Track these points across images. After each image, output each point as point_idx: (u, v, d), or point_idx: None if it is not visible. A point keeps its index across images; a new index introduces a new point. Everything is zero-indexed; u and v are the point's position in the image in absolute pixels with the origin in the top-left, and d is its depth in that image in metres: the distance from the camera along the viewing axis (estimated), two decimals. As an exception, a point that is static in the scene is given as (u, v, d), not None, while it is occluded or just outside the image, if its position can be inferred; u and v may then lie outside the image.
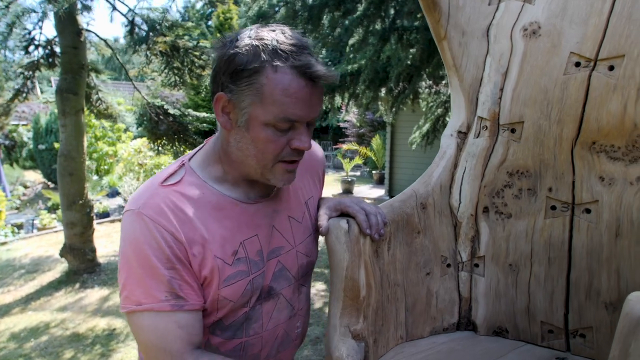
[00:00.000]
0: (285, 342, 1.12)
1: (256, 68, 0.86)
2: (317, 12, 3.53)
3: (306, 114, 0.89)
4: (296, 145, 0.91)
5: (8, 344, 3.99)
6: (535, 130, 1.11)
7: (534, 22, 1.10)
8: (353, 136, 14.19)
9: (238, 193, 0.99)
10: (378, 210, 1.10)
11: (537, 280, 1.15)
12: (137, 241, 0.89)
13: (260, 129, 0.89)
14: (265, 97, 0.86)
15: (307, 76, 0.86)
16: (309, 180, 1.16)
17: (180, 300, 0.89)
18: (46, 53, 5.56)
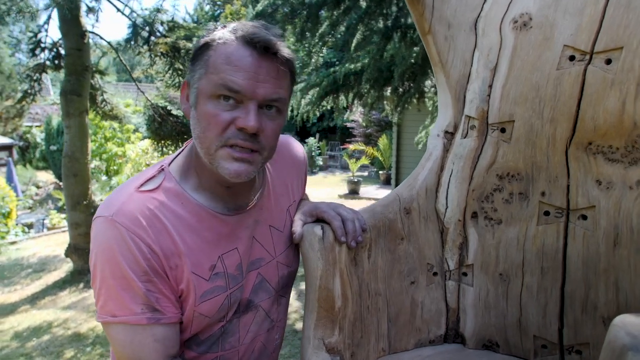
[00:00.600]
0: (262, 354, 1.05)
1: (207, 44, 0.85)
2: (315, 10, 3.46)
3: (250, 87, 0.81)
4: (240, 123, 0.81)
5: (11, 343, 3.99)
6: (526, 130, 1.03)
7: (524, 13, 1.02)
8: (360, 136, 14.10)
9: (217, 204, 0.92)
10: (357, 215, 1.03)
11: (529, 292, 1.07)
12: (110, 251, 0.82)
13: (205, 102, 0.83)
14: (209, 67, 0.83)
15: (252, 45, 0.82)
16: (291, 184, 1.09)
17: (157, 314, 0.83)
18: (52, 55, 5.58)
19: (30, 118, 19.12)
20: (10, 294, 5.28)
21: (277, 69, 0.84)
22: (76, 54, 5.06)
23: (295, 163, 1.12)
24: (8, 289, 5.42)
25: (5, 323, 4.44)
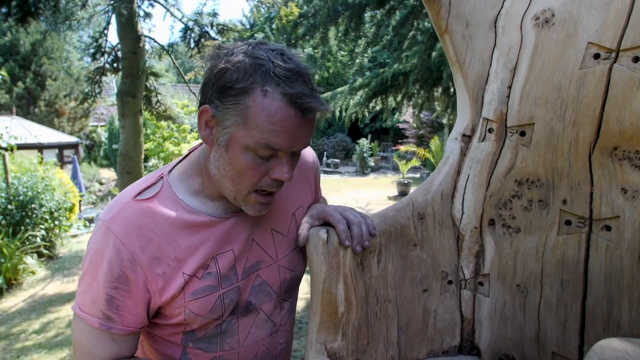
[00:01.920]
0: (265, 358, 1.06)
1: (244, 88, 0.80)
2: (358, 11, 3.43)
3: (289, 145, 0.83)
4: (276, 175, 0.86)
5: (66, 330, 4.26)
6: (547, 133, 0.97)
7: (547, 9, 0.96)
8: (412, 137, 13.89)
9: (215, 207, 0.96)
10: (365, 220, 1.01)
11: (548, 305, 1.01)
12: (95, 252, 0.89)
13: (240, 152, 0.84)
14: (249, 120, 0.81)
15: (297, 106, 0.80)
16: (299, 188, 1.10)
17: (110, 322, 0.89)
18: (111, 59, 5.90)
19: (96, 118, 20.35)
20: (68, 284, 5.63)
21: (311, 124, 0.86)
22: (132, 57, 5.32)
23: (303, 168, 1.12)
24: (67, 279, 5.78)
25: (62, 311, 4.74)
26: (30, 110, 16.97)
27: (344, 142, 18.74)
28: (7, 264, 5.39)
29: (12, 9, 5.12)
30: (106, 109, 19.27)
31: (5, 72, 7.61)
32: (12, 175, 6.31)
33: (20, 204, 6.11)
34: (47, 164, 7.45)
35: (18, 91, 16.78)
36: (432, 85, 5.65)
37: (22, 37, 16.87)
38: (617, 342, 0.52)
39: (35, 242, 6.23)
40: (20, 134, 7.69)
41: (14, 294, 5.35)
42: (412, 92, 5.95)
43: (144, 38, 5.42)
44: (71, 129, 18.14)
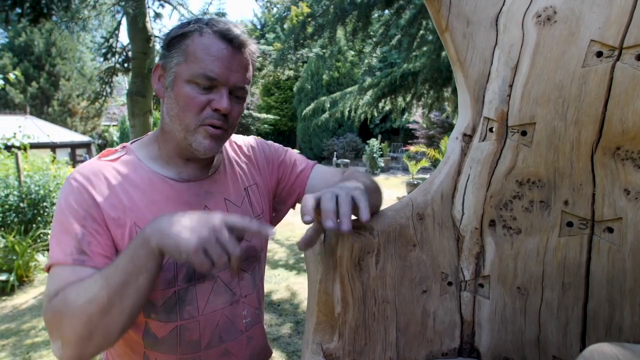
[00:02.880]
0: (229, 330, 1.06)
1: (184, 33, 0.97)
2: (365, 10, 3.42)
3: (225, 75, 0.95)
4: (215, 105, 0.95)
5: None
6: (548, 132, 0.95)
7: (548, 6, 0.94)
8: (423, 138, 13.82)
9: (170, 171, 1.04)
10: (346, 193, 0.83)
11: (549, 308, 0.99)
12: (60, 203, 0.94)
13: (183, 85, 0.95)
14: (188, 56, 0.95)
15: (227, 39, 0.95)
16: (250, 169, 1.17)
17: (83, 256, 0.89)
18: (122, 59, 5.95)
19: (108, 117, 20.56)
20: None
21: (246, 62, 1.00)
22: (142, 57, 5.36)
23: (251, 152, 1.21)
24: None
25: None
26: (44, 109, 17.20)
27: (354, 143, 18.70)
28: (18, 261, 5.46)
29: (25, 10, 5.19)
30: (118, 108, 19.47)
31: (19, 72, 7.72)
32: (24, 173, 6.39)
33: (32, 202, 6.19)
34: (59, 163, 7.53)
35: (32, 91, 17.01)
36: (441, 85, 5.61)
37: (36, 38, 17.11)
38: (608, 346, 0.50)
39: (47, 240, 6.30)
40: (34, 133, 7.77)
41: (25, 290, 5.41)
42: (422, 92, 5.91)
43: (153, 38, 5.45)
44: (84, 128, 18.35)
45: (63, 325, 0.81)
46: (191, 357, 1.01)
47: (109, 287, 0.81)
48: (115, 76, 6.07)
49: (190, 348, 1.01)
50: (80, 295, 0.81)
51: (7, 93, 16.28)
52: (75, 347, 0.81)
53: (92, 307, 0.80)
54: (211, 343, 1.03)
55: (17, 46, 16.91)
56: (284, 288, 5.26)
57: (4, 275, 5.29)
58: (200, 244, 0.76)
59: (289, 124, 21.80)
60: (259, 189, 1.17)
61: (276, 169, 1.21)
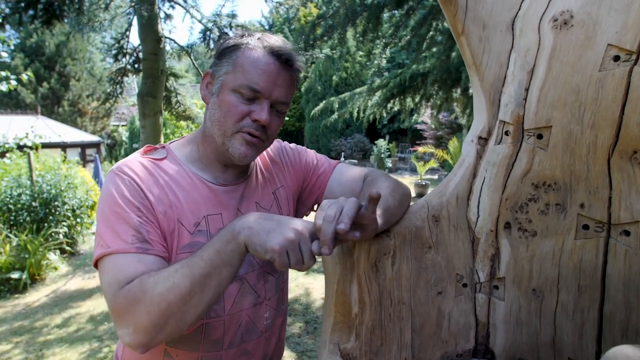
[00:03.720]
0: (251, 331, 1.09)
1: (236, 45, 1.01)
2: (375, 11, 3.43)
3: (269, 89, 0.98)
4: (255, 116, 0.98)
5: (86, 325, 4.34)
6: (565, 136, 0.96)
7: (565, 10, 0.95)
8: (431, 138, 13.78)
9: (208, 174, 1.07)
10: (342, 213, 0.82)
11: (564, 310, 0.99)
12: (110, 193, 0.95)
13: (227, 93, 0.99)
14: (237, 66, 0.99)
15: (275, 55, 0.99)
16: (278, 171, 1.21)
17: (146, 244, 0.92)
18: (132, 60, 6.00)
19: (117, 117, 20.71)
20: (89, 280, 5.74)
21: (291, 78, 1.04)
22: (152, 58, 5.40)
23: (278, 155, 1.25)
24: (87, 276, 5.89)
25: (82, 307, 4.84)
26: (55, 109, 17.36)
27: (362, 143, 18.69)
28: (31, 259, 5.52)
29: (38, 12, 5.25)
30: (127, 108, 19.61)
31: (31, 73, 7.81)
32: (36, 173, 6.46)
33: (44, 202, 6.25)
34: (70, 163, 7.61)
35: (43, 91, 17.18)
36: (450, 86, 5.60)
37: (47, 39, 17.28)
38: (630, 349, 0.51)
39: (58, 239, 6.36)
40: (45, 133, 7.86)
41: (37, 289, 5.47)
42: (431, 93, 5.90)
43: (164, 39, 5.50)
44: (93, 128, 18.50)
45: (138, 311, 0.82)
46: (212, 355, 1.03)
47: (193, 277, 0.83)
48: (125, 77, 6.11)
49: (213, 346, 1.03)
50: (159, 284, 0.83)
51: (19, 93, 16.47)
52: (147, 333, 0.83)
53: (172, 295, 0.82)
54: (233, 342, 1.05)
55: (29, 47, 17.10)
56: (294, 288, 5.28)
57: (16, 274, 5.35)
58: (285, 246, 0.80)
59: (297, 124, 21.84)
60: (285, 190, 1.20)
61: (300, 170, 1.23)
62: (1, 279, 5.30)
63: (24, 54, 17.07)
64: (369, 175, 1.18)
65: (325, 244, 0.79)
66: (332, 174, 1.22)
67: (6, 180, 6.32)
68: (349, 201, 0.82)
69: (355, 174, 1.21)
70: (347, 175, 1.21)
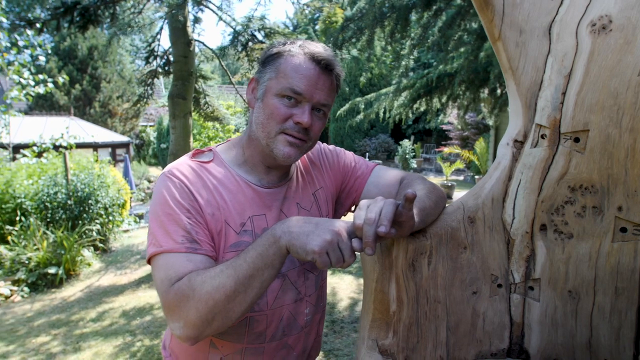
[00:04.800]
0: (291, 325, 1.14)
1: (279, 52, 1.07)
2: (404, 13, 3.44)
3: (310, 92, 1.03)
4: (297, 119, 1.03)
5: (119, 320, 4.48)
6: (602, 140, 0.97)
7: (604, 15, 0.96)
8: (457, 139, 13.63)
9: (254, 177, 1.13)
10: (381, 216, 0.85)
11: (601, 312, 1.00)
12: (162, 195, 1.01)
13: (271, 97, 1.05)
14: (279, 72, 1.05)
15: (315, 60, 1.05)
16: (317, 173, 1.26)
17: (195, 244, 0.98)
18: (163, 62, 6.14)
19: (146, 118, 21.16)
20: (121, 276, 5.91)
21: (331, 82, 1.08)
22: (183, 61, 5.52)
23: (317, 158, 1.29)
24: (120, 272, 6.07)
25: (115, 302, 4.99)
26: (86, 111, 17.86)
27: (386, 144, 18.62)
28: (66, 255, 5.73)
29: (74, 17, 5.43)
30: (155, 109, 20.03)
31: (66, 76, 8.08)
32: (71, 172, 6.68)
33: (79, 200, 6.47)
34: (102, 162, 7.84)
35: (75, 93, 17.70)
36: (478, 86, 5.55)
37: (80, 42, 17.79)
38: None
39: (92, 236, 6.57)
40: (78, 134, 8.12)
41: (72, 284, 5.67)
42: (458, 93, 5.86)
43: (194, 42, 5.62)
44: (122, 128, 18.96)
45: (188, 307, 0.89)
46: (256, 347, 1.08)
47: (237, 278, 0.89)
48: (156, 79, 6.27)
49: (256, 339, 1.08)
50: (207, 283, 0.89)
51: (53, 95, 17.01)
52: (196, 328, 0.90)
53: (218, 293, 0.88)
54: (275, 336, 1.10)
55: (62, 50, 17.65)
56: (318, 287, 5.33)
57: (53, 269, 5.55)
58: (324, 247, 0.85)
59: (321, 125, 21.88)
60: (324, 192, 1.24)
61: (339, 172, 1.27)
62: (39, 274, 5.51)
63: (58, 57, 17.61)
64: (405, 178, 1.21)
65: (369, 245, 0.83)
66: (370, 177, 1.25)
67: (43, 179, 6.56)
68: (387, 203, 0.86)
69: (392, 176, 1.24)
70: (384, 178, 1.24)
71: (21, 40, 6.80)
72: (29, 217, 6.13)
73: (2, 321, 4.53)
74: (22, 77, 6.88)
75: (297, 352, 1.16)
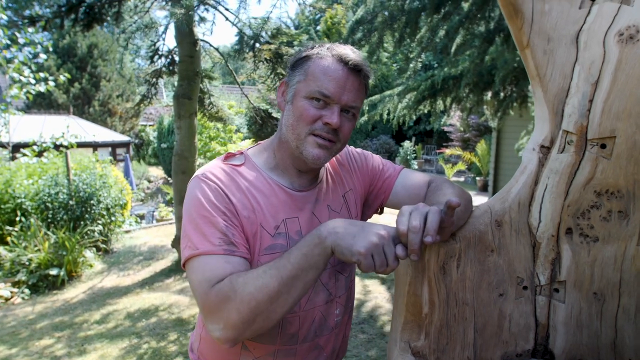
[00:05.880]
0: (323, 326, 1.16)
1: (307, 56, 1.09)
2: (414, 17, 3.47)
3: (339, 93, 1.05)
4: (327, 119, 1.05)
5: (124, 322, 4.48)
6: (629, 146, 1.00)
7: (631, 25, 0.99)
8: (458, 140, 13.68)
9: (286, 180, 1.15)
10: (427, 225, 0.88)
11: (626, 314, 1.03)
12: (197, 198, 1.02)
13: (300, 100, 1.07)
14: (308, 75, 1.07)
15: (343, 62, 1.06)
16: (346, 175, 1.28)
17: (232, 247, 0.99)
18: (167, 62, 6.15)
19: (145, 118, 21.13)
20: (124, 277, 5.91)
21: (360, 83, 1.10)
22: (188, 61, 5.54)
23: (346, 160, 1.31)
24: (123, 273, 6.07)
25: (119, 304, 4.99)
26: (85, 109, 17.83)
27: (388, 145, 18.66)
28: (68, 256, 5.72)
29: (79, 16, 5.44)
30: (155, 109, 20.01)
31: (67, 74, 8.08)
32: (72, 172, 6.68)
33: (80, 200, 6.46)
34: (104, 162, 7.84)
35: (74, 91, 17.66)
36: (482, 89, 5.59)
37: (79, 40, 17.75)
38: None
39: (94, 237, 6.57)
40: (78, 133, 8.11)
41: (74, 285, 5.67)
42: (462, 95, 5.89)
43: (200, 42, 5.63)
44: (122, 128, 18.93)
45: (229, 309, 0.90)
46: (288, 348, 1.10)
47: (281, 278, 0.90)
48: (160, 78, 6.27)
49: (288, 340, 1.10)
50: (249, 284, 0.90)
51: (52, 93, 16.96)
52: (236, 329, 0.91)
53: (261, 294, 0.89)
54: (307, 337, 1.12)
55: (61, 48, 17.60)
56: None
57: (54, 270, 5.54)
58: (370, 249, 0.86)
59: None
60: (353, 194, 1.26)
61: (367, 175, 1.29)
62: (40, 275, 5.50)
63: (57, 55, 17.57)
64: (432, 181, 1.24)
65: (414, 252, 0.86)
66: (397, 179, 1.28)
67: (44, 179, 6.56)
68: (432, 211, 0.88)
69: (419, 179, 1.26)
70: (411, 181, 1.26)
71: (21, 37, 6.79)
72: (29, 217, 6.12)
73: (3, 324, 4.52)
74: (22, 75, 6.88)
75: (327, 353, 1.19)
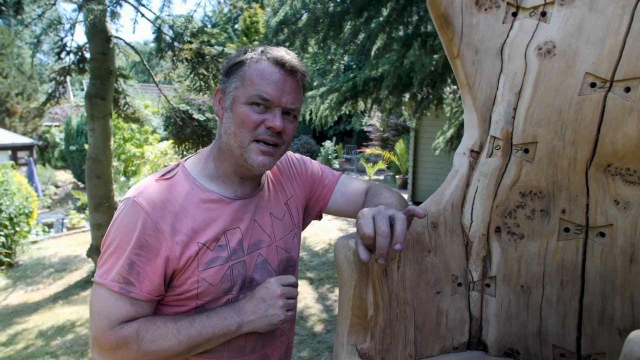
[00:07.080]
0: (269, 336, 1.17)
1: (242, 61, 1.08)
2: (338, 20, 3.54)
3: (278, 96, 1.05)
4: (269, 123, 1.04)
5: (36, 341, 4.12)
6: (549, 151, 1.10)
7: (548, 41, 1.08)
8: (377, 140, 14.15)
9: (227, 190, 1.12)
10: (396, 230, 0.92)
11: (549, 303, 1.13)
12: (121, 223, 1.00)
13: (240, 106, 1.05)
14: (245, 80, 1.05)
15: (279, 64, 1.06)
16: (287, 182, 1.28)
17: (130, 286, 0.98)
18: (77, 59, 5.74)
19: (50, 118, 19.54)
20: (33, 292, 5.44)
21: (297, 84, 1.10)
22: (101, 58, 5.21)
23: (284, 166, 1.32)
24: (31, 288, 5.58)
25: (29, 322, 4.58)
26: (-21, 109, 16.12)
27: (309, 145, 18.85)
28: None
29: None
30: (61, 108, 18.55)
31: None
32: (-32, 179, 6.02)
33: (-22, 209, 5.84)
34: (5, 167, 7.15)
35: (-36, 89, 15.90)
36: (401, 91, 5.82)
37: (-31, 32, 16.01)
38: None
39: (-6, 249, 5.97)
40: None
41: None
42: (382, 97, 6.11)
43: (113, 39, 5.31)
44: (24, 129, 17.36)
45: (126, 355, 0.96)
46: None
47: (188, 346, 0.98)
48: (69, 76, 5.84)
49: (236, 353, 1.08)
50: (156, 343, 0.97)
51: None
52: None
53: (164, 354, 0.97)
54: (254, 348, 1.11)
55: (-52, 41, 15.78)
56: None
57: (-51, 288, 4.97)
58: (284, 311, 1.05)
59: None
60: (295, 200, 1.26)
61: (307, 181, 1.29)
62: None
63: (-58, 48, 15.72)
64: (371, 187, 1.27)
65: (383, 256, 0.89)
66: (337, 186, 1.29)
67: None
68: (400, 219, 0.90)
69: (357, 186, 1.30)
70: (350, 188, 1.29)
71: None
72: None
73: None
74: None
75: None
